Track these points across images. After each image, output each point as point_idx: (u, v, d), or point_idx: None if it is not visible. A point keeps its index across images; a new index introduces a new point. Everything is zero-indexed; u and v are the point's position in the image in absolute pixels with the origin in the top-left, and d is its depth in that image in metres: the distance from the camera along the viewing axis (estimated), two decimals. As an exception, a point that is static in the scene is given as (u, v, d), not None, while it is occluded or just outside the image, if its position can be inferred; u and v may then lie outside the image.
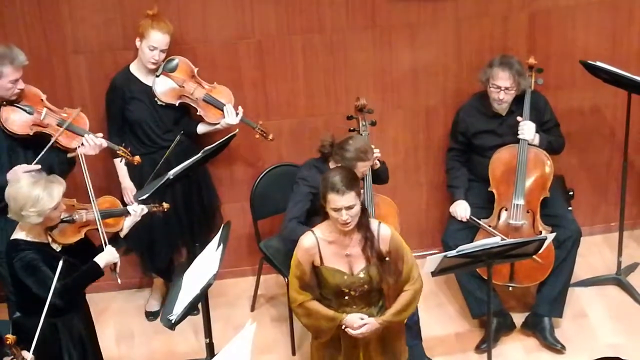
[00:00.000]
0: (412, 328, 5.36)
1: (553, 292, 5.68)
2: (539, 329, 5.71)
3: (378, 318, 4.62)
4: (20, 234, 4.59)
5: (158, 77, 5.55)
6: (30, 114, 5.15)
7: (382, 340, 4.72)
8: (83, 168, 4.84)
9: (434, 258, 4.86)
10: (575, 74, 6.04)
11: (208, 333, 5.09)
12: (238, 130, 5.56)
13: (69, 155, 5.18)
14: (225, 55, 5.83)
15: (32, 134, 5.14)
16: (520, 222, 5.62)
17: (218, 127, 5.64)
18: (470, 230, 5.71)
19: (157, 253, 5.81)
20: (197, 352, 5.69)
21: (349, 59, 5.94)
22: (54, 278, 4.41)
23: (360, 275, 4.57)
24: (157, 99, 5.56)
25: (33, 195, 4.45)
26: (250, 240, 6.09)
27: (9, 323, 4.92)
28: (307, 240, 4.59)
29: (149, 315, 6.06)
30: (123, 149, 5.35)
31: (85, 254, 4.71)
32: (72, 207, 4.75)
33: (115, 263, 4.74)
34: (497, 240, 4.96)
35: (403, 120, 6.12)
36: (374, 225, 4.60)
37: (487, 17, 5.95)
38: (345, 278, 4.57)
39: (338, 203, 4.43)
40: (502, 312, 5.72)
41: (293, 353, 5.73)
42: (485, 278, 5.19)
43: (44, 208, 4.47)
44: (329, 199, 4.45)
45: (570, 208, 5.96)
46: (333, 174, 4.49)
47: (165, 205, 5.14)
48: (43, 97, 5.23)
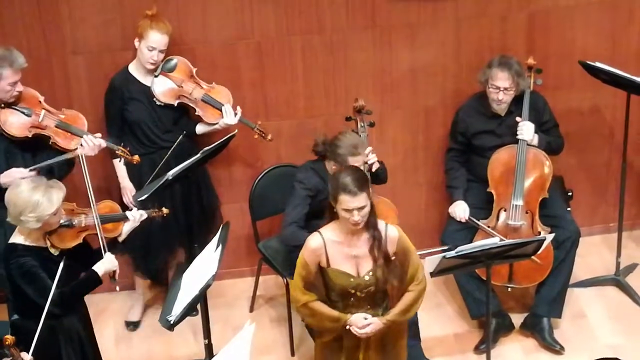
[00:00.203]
0: (410, 328, 5.34)
1: (552, 292, 5.68)
2: (538, 330, 5.71)
3: (382, 318, 4.62)
4: (19, 238, 4.58)
5: (157, 77, 5.55)
6: (29, 116, 5.15)
7: (382, 342, 4.71)
8: (84, 171, 4.82)
9: (433, 259, 4.86)
10: (574, 75, 6.03)
11: (207, 334, 5.09)
12: (237, 131, 5.56)
13: (68, 157, 5.18)
14: (225, 56, 5.83)
15: (30, 136, 5.13)
16: (519, 222, 5.62)
17: (217, 127, 5.64)
18: (469, 231, 5.71)
19: (153, 255, 5.78)
20: (196, 353, 5.69)
21: (349, 60, 5.94)
22: (52, 286, 4.41)
23: (367, 277, 4.56)
24: (155, 99, 5.55)
25: (33, 201, 4.44)
26: (249, 241, 6.08)
27: (8, 324, 4.91)
28: (314, 241, 4.57)
29: (129, 325, 5.95)
30: (122, 149, 5.34)
31: (85, 257, 4.71)
32: (71, 211, 4.73)
33: (115, 271, 4.72)
34: (496, 241, 4.96)
35: (402, 121, 6.12)
36: (382, 226, 4.59)
37: (486, 17, 5.95)
38: (352, 280, 4.57)
39: (350, 204, 4.42)
40: (501, 312, 5.72)
41: (292, 354, 5.73)
42: (484, 279, 5.20)
43: (43, 214, 4.45)
44: (341, 200, 4.43)
45: (569, 208, 5.96)
46: (344, 175, 4.46)
47: (165, 211, 5.12)
48: (41, 98, 5.23)
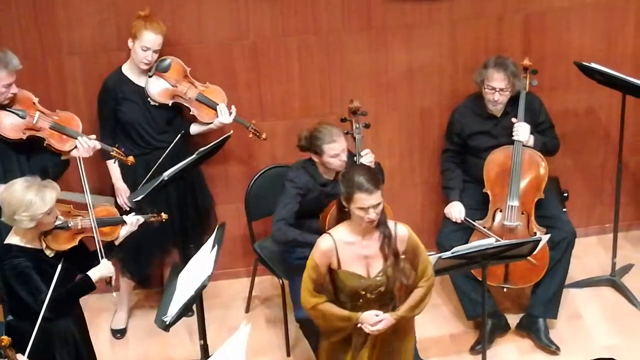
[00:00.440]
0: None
1: (548, 293, 5.68)
2: (534, 330, 5.71)
3: (393, 313, 4.62)
4: (14, 239, 4.58)
5: (151, 77, 5.54)
6: (23, 118, 5.13)
7: (389, 341, 4.71)
8: (81, 174, 4.81)
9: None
10: (570, 76, 6.04)
11: (202, 335, 5.08)
12: (232, 132, 5.55)
13: (63, 158, 5.18)
14: (220, 57, 5.82)
15: (25, 138, 5.12)
16: (515, 223, 5.62)
17: (212, 126, 5.63)
18: (465, 232, 5.71)
19: (145, 256, 5.75)
20: (191, 353, 5.68)
21: (345, 61, 5.93)
22: (47, 289, 4.41)
23: (378, 278, 4.56)
24: (149, 99, 5.54)
25: (26, 200, 4.43)
26: (245, 242, 6.08)
27: (4, 325, 4.90)
28: (324, 243, 4.56)
29: (117, 334, 5.89)
30: (116, 150, 5.33)
31: (81, 260, 4.70)
32: (67, 213, 4.72)
33: (111, 277, 4.70)
34: (491, 242, 4.97)
35: (398, 122, 6.12)
36: (391, 225, 4.59)
37: (482, 18, 5.95)
38: (362, 281, 4.56)
39: (366, 202, 4.42)
40: (496, 313, 5.72)
41: (288, 354, 5.73)
42: (480, 279, 5.20)
43: (36, 213, 4.45)
44: (356, 199, 4.43)
45: (565, 209, 5.96)
46: (357, 175, 4.46)
47: (164, 216, 5.11)
48: (35, 100, 5.22)
